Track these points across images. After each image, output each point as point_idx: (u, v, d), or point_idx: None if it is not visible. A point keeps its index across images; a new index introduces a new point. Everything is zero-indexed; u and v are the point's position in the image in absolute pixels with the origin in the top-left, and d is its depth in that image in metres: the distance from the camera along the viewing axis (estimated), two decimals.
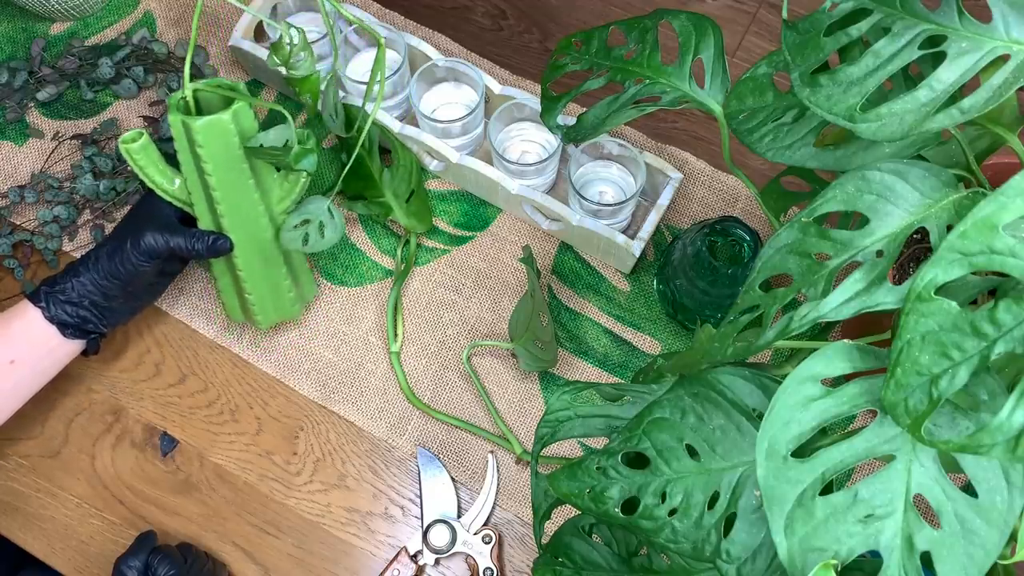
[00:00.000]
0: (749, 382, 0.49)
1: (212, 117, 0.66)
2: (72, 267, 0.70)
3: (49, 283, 0.70)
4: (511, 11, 0.96)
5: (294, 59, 0.67)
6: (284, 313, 0.78)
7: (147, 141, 0.69)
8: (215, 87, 0.68)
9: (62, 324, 0.69)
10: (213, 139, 0.66)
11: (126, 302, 0.73)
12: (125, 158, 0.69)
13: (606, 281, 0.84)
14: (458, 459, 0.79)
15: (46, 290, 0.69)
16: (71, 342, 0.71)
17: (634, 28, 0.67)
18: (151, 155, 0.70)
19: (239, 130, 0.67)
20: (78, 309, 0.70)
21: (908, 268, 0.66)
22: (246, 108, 0.67)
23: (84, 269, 0.70)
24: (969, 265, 0.37)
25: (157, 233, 0.70)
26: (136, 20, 0.93)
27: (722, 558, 0.47)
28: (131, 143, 0.68)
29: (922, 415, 0.38)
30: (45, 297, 0.69)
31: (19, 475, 0.79)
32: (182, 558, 0.71)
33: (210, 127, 0.66)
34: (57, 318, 0.69)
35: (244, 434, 0.80)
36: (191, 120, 0.66)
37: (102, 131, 0.87)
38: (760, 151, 0.54)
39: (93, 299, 0.70)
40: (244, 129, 0.67)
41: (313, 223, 0.71)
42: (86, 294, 0.70)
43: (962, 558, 0.39)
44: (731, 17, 0.94)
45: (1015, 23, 0.40)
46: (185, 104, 0.68)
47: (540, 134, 0.83)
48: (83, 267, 0.70)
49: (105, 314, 0.71)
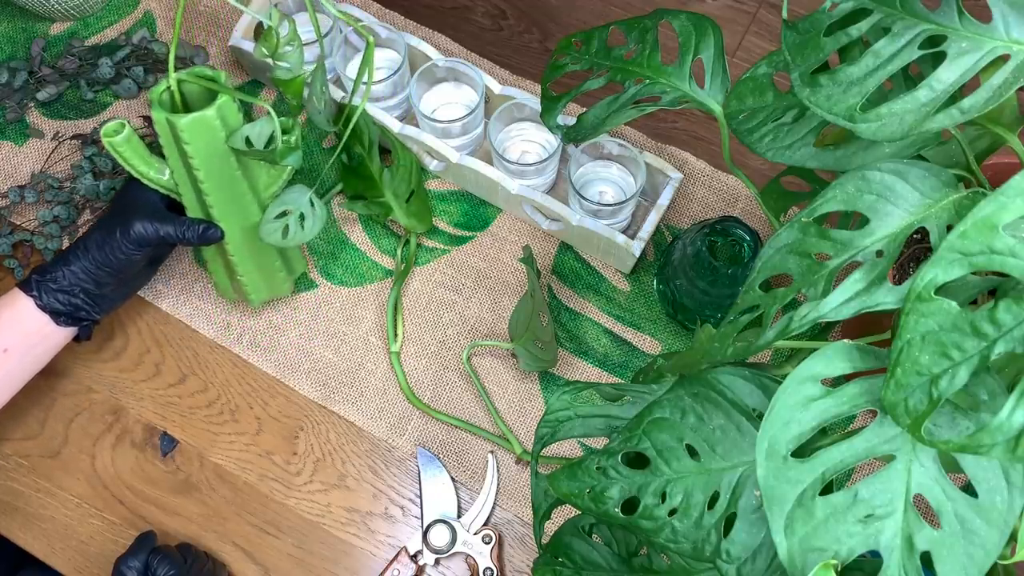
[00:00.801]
0: (749, 382, 0.49)
1: (197, 115, 0.65)
2: (63, 256, 0.70)
3: (40, 272, 0.70)
4: (511, 11, 0.96)
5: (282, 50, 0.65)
6: (276, 290, 0.79)
7: (130, 132, 0.68)
8: (197, 77, 0.67)
9: (55, 312, 0.69)
10: (199, 136, 0.66)
11: (117, 288, 0.73)
12: (108, 151, 0.68)
13: (606, 281, 0.84)
14: (458, 459, 0.79)
15: (37, 279, 0.69)
16: (63, 330, 0.71)
17: (634, 28, 0.67)
18: (135, 146, 0.69)
19: (224, 125, 0.66)
20: (70, 297, 0.70)
21: (908, 268, 0.66)
22: (230, 101, 0.67)
23: (75, 258, 0.70)
24: (969, 265, 0.37)
25: (147, 222, 0.69)
26: (136, 20, 0.93)
27: (722, 558, 0.47)
28: (114, 136, 0.67)
29: (922, 415, 0.38)
30: (37, 286, 0.69)
31: (19, 475, 0.79)
32: (182, 558, 0.71)
33: (195, 124, 0.65)
34: (50, 306, 0.69)
35: (244, 434, 0.80)
36: (176, 118, 0.65)
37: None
38: (760, 151, 0.54)
39: (85, 287, 0.70)
40: (229, 123, 0.67)
41: (293, 214, 0.70)
42: (78, 283, 0.70)
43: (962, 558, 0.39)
44: (731, 17, 0.94)
45: (1015, 23, 0.40)
46: (170, 96, 0.67)
47: (540, 134, 0.83)
48: (73, 256, 0.70)
49: (97, 301, 0.71)
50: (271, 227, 0.70)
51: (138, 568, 0.69)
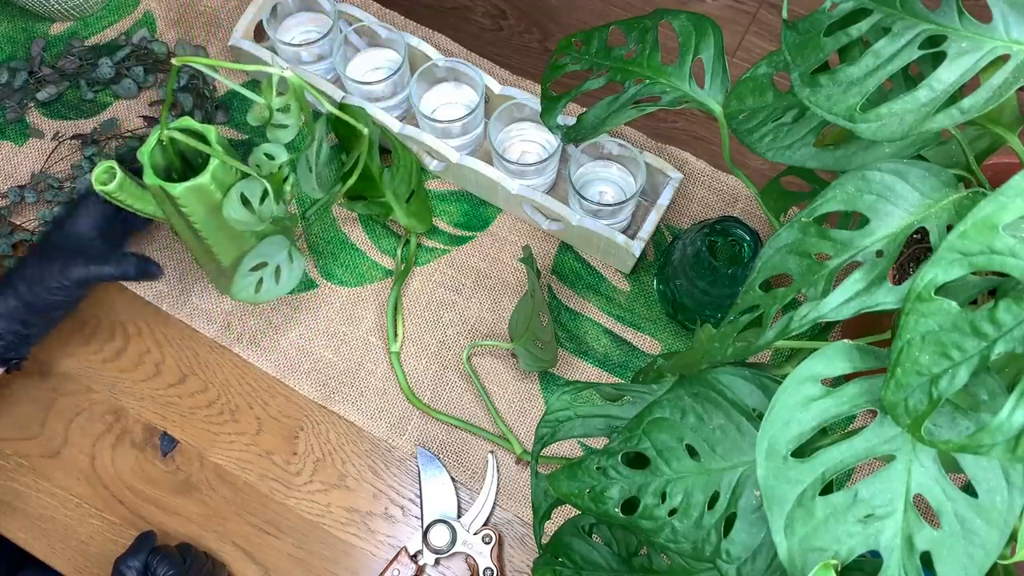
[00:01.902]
0: (749, 382, 0.49)
1: (191, 183, 0.63)
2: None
3: None
4: (511, 11, 0.96)
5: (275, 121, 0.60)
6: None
7: (121, 178, 0.65)
8: (186, 134, 0.64)
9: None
10: (194, 199, 0.64)
11: (47, 325, 0.72)
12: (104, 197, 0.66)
13: (606, 281, 0.84)
14: (458, 459, 0.79)
15: None
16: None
17: (634, 28, 0.67)
18: (128, 188, 0.67)
19: (219, 185, 0.65)
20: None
21: (908, 268, 0.66)
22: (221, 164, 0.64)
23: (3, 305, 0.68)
24: (969, 265, 0.37)
25: (85, 264, 0.68)
26: (136, 20, 0.93)
27: (722, 558, 0.47)
28: (106, 184, 0.65)
29: (922, 415, 0.38)
30: None
31: (19, 475, 0.79)
32: (181, 558, 0.71)
33: (190, 191, 0.64)
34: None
35: (244, 434, 0.80)
36: (170, 187, 0.63)
37: (102, 131, 0.87)
38: (760, 151, 0.54)
39: (14, 329, 0.69)
40: (223, 181, 0.65)
41: (269, 267, 0.68)
42: (7, 329, 0.69)
43: (962, 558, 0.39)
44: (731, 17, 0.94)
45: (1015, 23, 0.40)
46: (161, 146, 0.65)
47: (540, 134, 0.83)
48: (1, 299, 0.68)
49: (27, 340, 0.71)
50: (245, 282, 0.67)
51: (137, 568, 0.69)
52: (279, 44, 0.83)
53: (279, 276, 0.69)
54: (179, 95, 0.88)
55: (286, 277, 0.69)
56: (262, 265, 0.68)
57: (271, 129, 0.60)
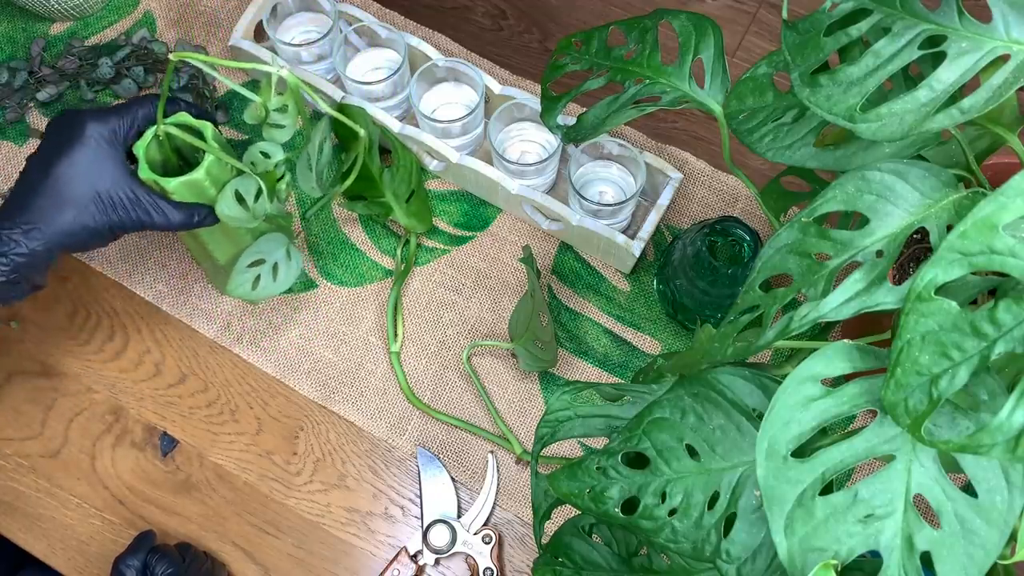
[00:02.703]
0: (749, 382, 0.49)
1: (185, 178, 0.63)
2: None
3: None
4: (511, 11, 0.96)
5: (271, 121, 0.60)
6: None
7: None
8: (182, 130, 0.63)
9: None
10: (189, 195, 0.64)
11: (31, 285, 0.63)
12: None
13: (606, 281, 0.84)
14: (458, 459, 0.79)
15: None
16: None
17: (634, 28, 0.67)
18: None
19: (214, 181, 0.64)
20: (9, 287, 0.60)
21: (908, 268, 0.66)
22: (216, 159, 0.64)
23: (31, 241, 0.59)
24: (969, 265, 0.37)
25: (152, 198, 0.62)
26: (136, 20, 0.93)
27: (722, 558, 0.47)
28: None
29: (922, 415, 0.38)
30: None
31: (19, 475, 0.79)
32: (180, 557, 0.71)
33: (184, 186, 0.64)
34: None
35: (244, 434, 0.80)
36: (165, 182, 0.63)
37: None
38: (760, 151, 0.54)
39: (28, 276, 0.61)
40: (218, 177, 0.65)
41: (267, 264, 0.68)
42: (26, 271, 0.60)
43: (962, 558, 0.39)
44: (731, 17, 0.94)
45: (1015, 23, 0.40)
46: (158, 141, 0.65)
47: (540, 134, 0.83)
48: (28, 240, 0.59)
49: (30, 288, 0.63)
50: (242, 278, 0.67)
51: (137, 567, 0.69)
52: (279, 44, 0.83)
53: (276, 273, 0.69)
54: (179, 95, 0.88)
55: (283, 275, 0.69)
56: (259, 262, 0.68)
57: (267, 128, 0.61)
